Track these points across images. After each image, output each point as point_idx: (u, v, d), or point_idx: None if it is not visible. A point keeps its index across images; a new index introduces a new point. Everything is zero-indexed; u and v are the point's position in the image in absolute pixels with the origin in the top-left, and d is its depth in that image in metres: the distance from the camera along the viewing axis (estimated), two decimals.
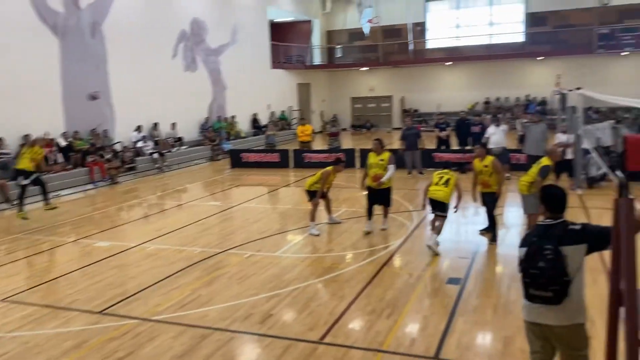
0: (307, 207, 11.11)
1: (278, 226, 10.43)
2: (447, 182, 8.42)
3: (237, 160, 18.73)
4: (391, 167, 9.25)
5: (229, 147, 20.91)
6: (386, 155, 9.36)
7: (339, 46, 33.56)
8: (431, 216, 8.86)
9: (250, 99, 25.78)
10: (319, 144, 23.72)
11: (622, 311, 3.00)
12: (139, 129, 18.69)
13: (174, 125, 20.47)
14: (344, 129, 31.86)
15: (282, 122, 28.26)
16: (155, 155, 18.22)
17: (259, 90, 26.46)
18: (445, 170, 8.74)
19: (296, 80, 30.77)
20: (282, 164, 18.06)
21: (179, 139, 20.58)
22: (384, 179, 9.19)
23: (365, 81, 33.65)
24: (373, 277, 7.23)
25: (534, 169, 8.29)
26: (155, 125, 19.60)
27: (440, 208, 8.40)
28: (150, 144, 18.67)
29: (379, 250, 8.48)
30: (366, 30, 29.12)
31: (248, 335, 5.73)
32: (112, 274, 7.85)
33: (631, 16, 27.50)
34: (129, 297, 6.86)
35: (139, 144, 18.37)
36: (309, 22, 31.74)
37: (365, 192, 9.60)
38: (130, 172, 17.21)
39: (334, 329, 5.72)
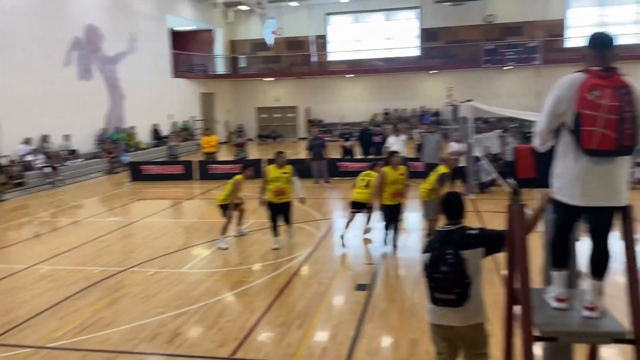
0: (214, 219, 10.94)
1: (183, 241, 10.13)
2: (367, 185, 9.03)
3: (138, 173, 17.96)
4: (296, 179, 9.20)
5: (128, 159, 20.01)
6: (289, 167, 9.11)
7: (243, 56, 33.44)
8: (351, 216, 9.51)
9: (150, 109, 24.89)
10: (224, 154, 23.37)
11: (517, 309, 3.24)
12: (27, 141, 17.36)
13: (67, 136, 19.25)
14: (250, 139, 31.67)
15: (184, 132, 27.55)
16: (47, 170, 17.02)
17: (159, 100, 25.63)
18: (367, 172, 9.14)
19: (199, 90, 30.19)
20: (186, 176, 17.58)
21: (73, 151, 19.39)
22: (299, 193, 9.14)
23: (271, 91, 33.76)
24: (283, 289, 7.23)
25: (433, 177, 8.81)
26: (46, 137, 18.30)
27: (360, 208, 9.34)
28: (41, 157, 17.40)
29: (288, 260, 8.49)
30: (270, 41, 29.26)
31: (155, 356, 5.50)
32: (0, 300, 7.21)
33: (513, 33, 29.95)
34: (21, 323, 6.32)
35: (28, 158, 17.06)
36: (211, 31, 31.32)
37: (267, 208, 9.13)
38: (19, 188, 15.94)
39: (245, 344, 5.65)
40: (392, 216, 8.76)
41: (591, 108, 2.83)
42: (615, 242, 3.17)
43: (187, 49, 29.95)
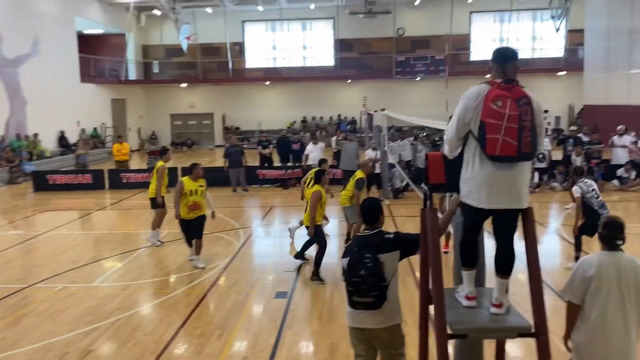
0: (126, 230, 10.54)
1: (93, 254, 9.63)
2: (310, 184, 8.61)
3: (42, 183, 16.86)
4: (207, 193, 8.74)
5: (32, 169, 18.75)
6: (204, 180, 8.59)
7: (156, 61, 32.47)
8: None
9: (56, 115, 23.47)
10: (137, 163, 22.53)
11: (432, 309, 3.38)
12: None
13: None
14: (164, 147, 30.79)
15: (94, 140, 26.27)
16: None
17: (66, 106, 24.24)
18: (313, 170, 9.12)
19: (110, 96, 28.92)
20: (96, 185, 16.74)
21: None
22: (211, 206, 8.83)
23: (185, 98, 33.01)
24: (201, 300, 7.08)
25: (351, 182, 9.08)
26: None
27: None
28: None
29: (206, 271, 8.32)
30: (184, 46, 28.65)
31: None
32: None
33: (422, 46, 31.34)
34: None
35: None
36: (122, 35, 30.15)
37: (179, 223, 8.45)
38: None
39: (163, 357, 5.47)
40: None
41: (494, 117, 3.03)
42: (519, 242, 3.40)
43: (96, 53, 28.64)
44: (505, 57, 3.22)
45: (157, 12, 29.87)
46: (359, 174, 9.25)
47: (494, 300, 3.35)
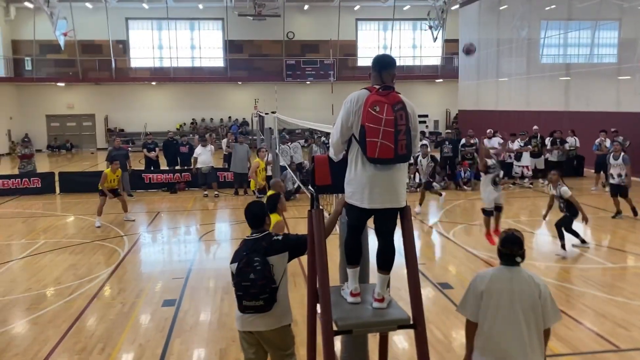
0: None
1: None
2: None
3: None
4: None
5: None
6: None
7: (28, 58, 29.96)
8: None
9: None
10: (7, 168, 20.64)
11: (319, 307, 3.47)
12: None
13: None
14: (39, 150, 28.51)
15: None
16: None
17: None
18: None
19: None
20: None
21: None
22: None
23: (63, 98, 30.84)
24: (82, 312, 6.65)
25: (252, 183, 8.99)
26: None
27: None
28: None
29: (88, 281, 7.84)
30: (61, 43, 26.72)
31: None
32: None
33: (310, 50, 31.96)
34: None
35: None
36: None
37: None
38: None
39: None
40: None
41: (373, 121, 3.19)
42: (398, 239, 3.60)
43: None
44: (382, 65, 3.39)
45: (28, 4, 27.59)
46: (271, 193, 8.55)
47: (376, 295, 3.52)
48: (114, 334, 6.02)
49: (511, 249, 3.46)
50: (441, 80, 32.32)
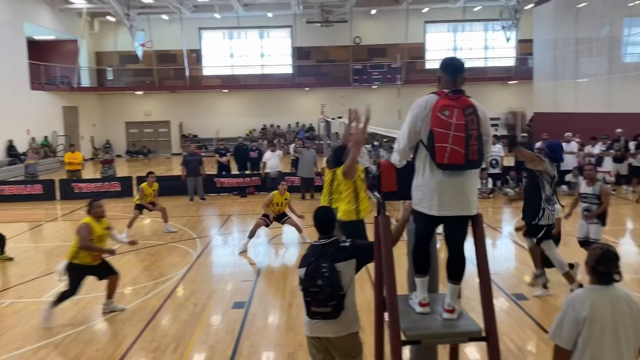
0: None
1: (44, 267, 9.29)
2: None
3: None
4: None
5: None
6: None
7: (110, 68, 31.76)
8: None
9: (4, 124, 22.64)
10: (90, 172, 21.92)
11: (387, 315, 3.42)
12: None
13: None
14: (119, 156, 30.10)
15: (44, 149, 25.43)
16: None
17: (15, 114, 23.41)
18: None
19: (61, 103, 28.10)
20: (47, 196, 16.18)
21: None
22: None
23: (141, 105, 32.41)
24: (157, 312, 6.92)
25: (326, 181, 8.94)
26: None
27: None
28: None
29: (162, 282, 8.16)
30: (139, 53, 28.13)
31: None
32: None
33: (378, 54, 31.81)
34: None
35: None
36: (74, 41, 29.37)
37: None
38: None
39: None
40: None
41: (442, 126, 3.11)
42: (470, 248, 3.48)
43: (48, 59, 27.80)
44: (456, 68, 3.31)
45: (110, 18, 29.28)
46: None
47: (446, 305, 3.42)
48: (186, 334, 6.21)
49: (609, 266, 3.10)
50: (515, 81, 31.19)
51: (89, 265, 6.78)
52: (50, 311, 6.53)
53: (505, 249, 10.04)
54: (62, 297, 6.63)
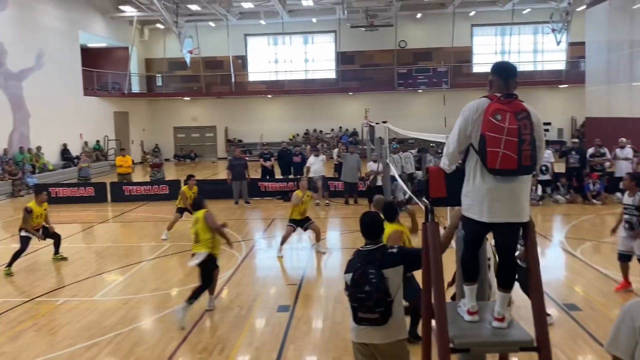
0: (128, 243, 10.64)
1: (95, 267, 9.62)
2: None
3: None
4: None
5: (35, 182, 18.81)
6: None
7: (159, 75, 32.66)
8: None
9: (59, 128, 23.62)
10: (139, 175, 22.59)
11: (435, 323, 3.36)
12: None
13: None
14: (167, 160, 30.89)
15: (96, 152, 26.37)
16: None
17: (69, 119, 24.41)
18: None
19: (113, 109, 29.08)
20: (98, 198, 16.77)
21: None
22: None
23: (188, 111, 33.18)
24: (203, 314, 7.04)
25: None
26: None
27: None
28: None
29: None
30: (187, 60, 28.85)
31: None
32: None
33: (423, 58, 31.50)
34: None
35: None
36: (125, 48, 30.39)
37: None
38: None
39: None
40: None
41: (494, 131, 3.04)
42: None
43: (100, 66, 28.87)
44: (505, 72, 3.24)
45: (160, 25, 30.16)
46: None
47: (496, 314, 3.33)
48: (232, 336, 6.29)
49: None
50: (566, 85, 30.26)
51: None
52: (187, 309, 6.56)
53: (556, 258, 9.73)
54: (198, 292, 6.75)
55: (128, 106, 30.57)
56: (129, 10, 28.07)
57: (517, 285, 3.36)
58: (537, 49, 31.96)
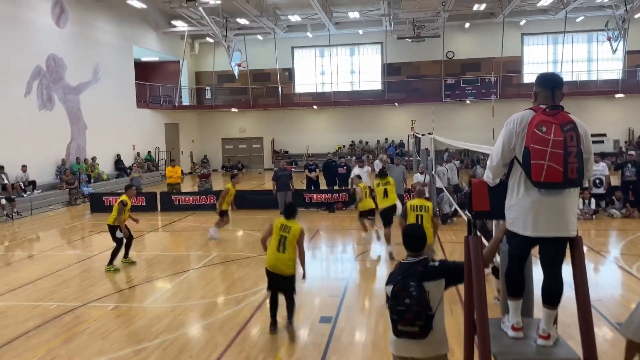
0: (177, 252, 10.90)
1: (145, 275, 9.91)
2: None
3: (99, 205, 17.57)
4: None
5: (90, 191, 19.60)
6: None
7: (208, 87, 33.50)
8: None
9: (113, 139, 24.57)
10: (188, 186, 23.15)
11: (477, 339, 3.30)
12: None
13: (24, 167, 18.71)
14: (215, 170, 31.55)
15: (148, 163, 27.23)
16: (3, 202, 16.49)
17: (123, 130, 25.36)
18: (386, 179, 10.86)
19: (164, 121, 30.01)
20: (149, 207, 17.28)
21: (32, 182, 18.86)
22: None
23: (236, 122, 33.84)
24: (247, 322, 7.14)
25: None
26: (1, 168, 17.72)
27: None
28: None
29: (253, 293, 8.40)
30: (236, 73, 29.49)
31: None
32: None
33: (471, 69, 31.02)
34: None
35: None
36: (177, 62, 31.37)
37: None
38: None
39: None
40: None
41: (539, 143, 2.98)
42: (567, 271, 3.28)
43: (151, 79, 29.88)
44: (550, 83, 3.19)
45: (210, 39, 30.99)
46: (418, 202, 8.85)
47: (541, 331, 3.25)
48: (274, 346, 6.34)
49: None
50: (622, 95, 29.11)
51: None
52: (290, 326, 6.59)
53: (610, 274, 9.33)
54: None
55: (178, 118, 31.47)
56: (180, 26, 29.00)
57: (567, 302, 3.25)
58: (591, 58, 30.93)
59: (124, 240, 10.32)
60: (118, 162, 25.05)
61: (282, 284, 6.62)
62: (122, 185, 22.26)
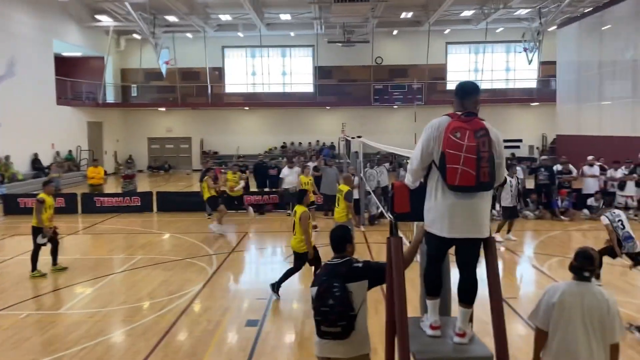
0: (97, 255, 10.44)
1: (62, 280, 9.42)
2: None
3: (13, 207, 16.53)
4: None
5: (4, 192, 18.40)
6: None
7: (135, 85, 32.38)
8: None
9: (30, 138, 23.16)
10: (111, 187, 22.26)
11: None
12: None
13: None
14: (140, 171, 30.54)
15: (68, 163, 25.92)
16: None
17: (41, 128, 23.96)
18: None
19: (86, 119, 28.68)
20: (69, 209, 16.41)
21: None
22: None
23: (163, 122, 32.92)
24: (171, 327, 6.95)
25: (341, 198, 9.48)
26: None
27: None
28: None
29: (178, 298, 8.20)
30: (163, 71, 28.70)
31: None
32: None
33: (399, 75, 31.92)
34: None
35: None
36: (101, 58, 30.10)
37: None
38: None
39: None
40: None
41: (454, 148, 3.11)
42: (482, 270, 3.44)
43: (74, 75, 28.49)
44: (465, 92, 3.33)
45: (136, 36, 29.96)
46: (344, 187, 9.89)
47: (457, 329, 3.38)
48: (199, 351, 6.22)
49: (582, 263, 3.69)
50: (537, 103, 30.97)
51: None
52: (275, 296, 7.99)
53: (524, 273, 9.87)
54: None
55: (102, 116, 30.19)
56: (105, 20, 27.82)
57: (485, 300, 3.40)
58: (509, 68, 32.67)
59: (46, 245, 9.66)
60: (35, 162, 23.66)
61: (297, 259, 8.03)
62: (39, 186, 21.07)
